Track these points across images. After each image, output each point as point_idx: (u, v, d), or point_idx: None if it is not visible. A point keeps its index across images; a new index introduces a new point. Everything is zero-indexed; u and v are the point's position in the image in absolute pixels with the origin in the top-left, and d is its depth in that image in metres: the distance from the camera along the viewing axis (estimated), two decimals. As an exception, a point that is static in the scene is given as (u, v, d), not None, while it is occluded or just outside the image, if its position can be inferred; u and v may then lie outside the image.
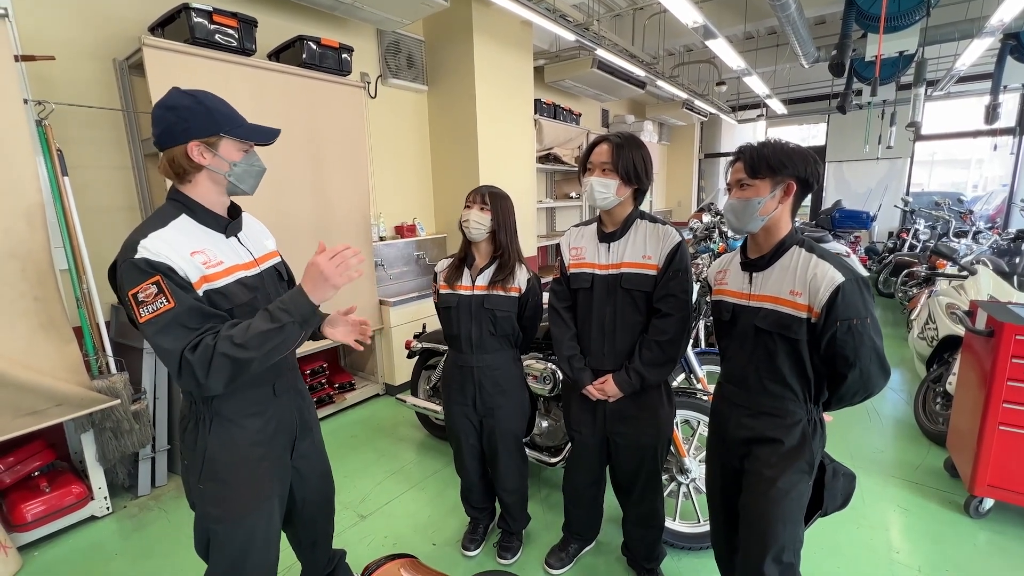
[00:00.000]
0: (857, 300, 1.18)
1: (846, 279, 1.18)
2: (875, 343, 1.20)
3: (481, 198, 1.80)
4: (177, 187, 1.18)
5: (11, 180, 1.94)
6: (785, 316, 1.25)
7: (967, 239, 5.37)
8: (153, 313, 1.03)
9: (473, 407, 1.90)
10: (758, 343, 1.32)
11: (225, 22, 2.55)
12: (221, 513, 1.21)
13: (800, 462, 1.29)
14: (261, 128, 1.21)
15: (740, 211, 1.29)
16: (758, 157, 1.25)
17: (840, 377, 1.24)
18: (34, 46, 2.25)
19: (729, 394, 1.43)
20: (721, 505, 1.50)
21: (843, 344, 1.19)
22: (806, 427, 1.30)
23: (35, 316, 2.00)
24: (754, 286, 1.34)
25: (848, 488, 1.37)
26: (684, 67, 6.74)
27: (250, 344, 1.04)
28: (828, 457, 1.37)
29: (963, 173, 8.79)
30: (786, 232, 1.30)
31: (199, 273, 1.11)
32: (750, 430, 1.36)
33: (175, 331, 1.04)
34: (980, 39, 4.29)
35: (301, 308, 1.10)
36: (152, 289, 1.03)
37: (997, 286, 2.98)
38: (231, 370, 1.05)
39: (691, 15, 3.47)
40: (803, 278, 1.23)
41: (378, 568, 1.05)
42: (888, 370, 1.23)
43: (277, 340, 1.08)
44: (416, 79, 4.06)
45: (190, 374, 1.04)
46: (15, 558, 2.04)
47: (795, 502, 1.29)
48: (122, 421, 2.28)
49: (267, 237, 1.40)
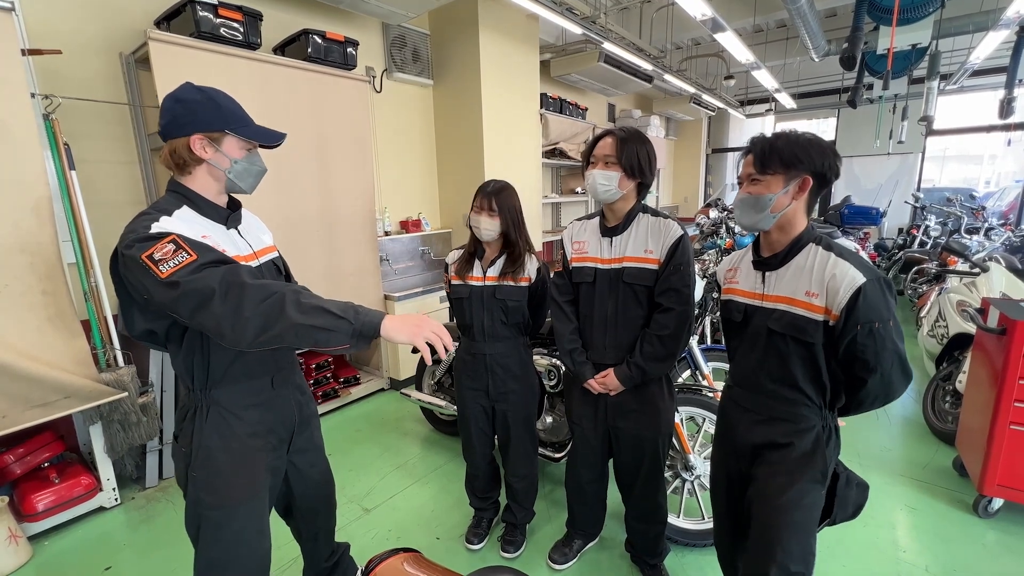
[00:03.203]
0: (879, 302, 1.11)
1: (868, 280, 1.11)
2: (897, 347, 1.14)
3: (489, 203, 1.79)
4: (176, 178, 1.19)
5: (19, 174, 1.95)
6: (800, 318, 1.19)
7: (979, 236, 5.29)
8: (177, 266, 0.97)
9: (486, 393, 1.93)
10: (770, 346, 1.26)
11: (230, 15, 2.55)
12: (214, 500, 1.22)
13: (813, 471, 1.23)
14: (267, 130, 1.21)
15: (750, 207, 1.23)
16: (769, 150, 1.18)
17: (859, 382, 1.18)
18: (41, 40, 2.26)
19: (738, 397, 1.38)
20: (726, 510, 1.46)
21: (864, 348, 1.12)
22: (820, 434, 1.24)
23: (43, 310, 2.02)
24: (767, 286, 1.27)
25: (860, 498, 1.31)
26: (692, 61, 6.66)
27: (306, 310, 0.97)
28: (842, 465, 1.32)
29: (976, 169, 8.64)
30: (801, 229, 1.23)
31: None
32: (761, 435, 1.30)
33: (208, 270, 0.98)
34: (995, 31, 4.21)
35: (368, 320, 1.02)
36: (170, 247, 0.99)
37: (1010, 283, 2.94)
38: (274, 320, 0.96)
39: (700, 8, 3.43)
40: (820, 278, 1.16)
41: (381, 562, 1.04)
42: (910, 374, 1.17)
43: (327, 325, 0.99)
44: (421, 73, 4.04)
45: (235, 304, 0.96)
46: (26, 547, 2.07)
47: (807, 512, 1.23)
48: (130, 413, 2.30)
49: (264, 232, 1.40)
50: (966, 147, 8.54)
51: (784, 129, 1.23)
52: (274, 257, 1.38)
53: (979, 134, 8.03)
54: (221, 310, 0.97)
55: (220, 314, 0.97)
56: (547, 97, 5.04)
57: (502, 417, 1.96)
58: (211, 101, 1.14)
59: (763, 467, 1.29)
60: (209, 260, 1.01)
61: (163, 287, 0.98)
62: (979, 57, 5.00)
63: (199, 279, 0.98)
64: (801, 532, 1.23)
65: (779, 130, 1.23)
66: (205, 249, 1.04)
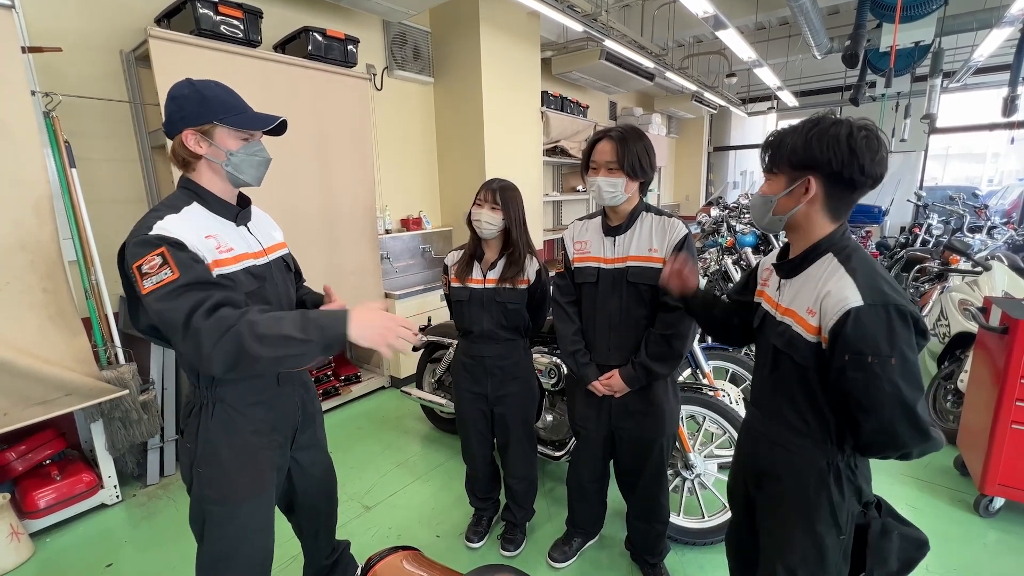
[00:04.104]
0: (877, 333, 0.92)
1: (866, 304, 0.93)
2: (900, 392, 0.92)
3: (492, 197, 1.77)
4: (186, 175, 1.20)
5: (20, 172, 1.95)
6: (796, 336, 1.06)
7: (982, 234, 5.26)
8: (156, 284, 0.99)
9: (484, 395, 1.92)
10: (776, 363, 1.13)
11: (230, 13, 2.54)
12: (218, 496, 1.22)
13: (812, 514, 1.07)
14: (258, 116, 1.18)
15: (756, 207, 1.13)
16: (777, 146, 1.06)
17: (856, 423, 1.01)
18: (41, 37, 2.26)
19: (751, 419, 1.27)
20: (741, 518, 1.34)
21: (853, 384, 0.96)
22: (824, 473, 1.07)
23: (44, 308, 2.02)
24: (781, 295, 1.14)
25: (911, 553, 1.08)
26: (694, 58, 6.64)
27: (268, 341, 0.99)
28: (885, 511, 1.12)
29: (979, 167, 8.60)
30: (820, 236, 1.06)
31: (212, 256, 1.12)
32: (764, 461, 1.19)
33: (179, 298, 0.99)
34: (999, 29, 4.18)
35: (333, 332, 1.03)
36: (156, 260, 1.00)
37: (1012, 282, 2.93)
38: (237, 356, 0.98)
39: (701, 5, 3.41)
40: (819, 294, 1.01)
41: (381, 560, 1.05)
42: (923, 430, 0.95)
43: (295, 352, 1.02)
44: (422, 71, 4.03)
45: (194, 342, 0.97)
46: (27, 544, 2.08)
47: (811, 560, 1.09)
48: (131, 411, 2.30)
49: (275, 229, 1.40)
50: (969, 145, 8.51)
51: (817, 114, 1.03)
52: (284, 254, 1.38)
53: (982, 132, 8.00)
54: (183, 347, 1.01)
55: (184, 350, 1.01)
56: (548, 95, 5.03)
57: (501, 420, 1.95)
58: (198, 94, 1.13)
59: (762, 497, 1.21)
60: (189, 281, 1.01)
61: (145, 299, 1.02)
62: (983, 55, 4.98)
63: (170, 310, 0.99)
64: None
65: (802, 121, 1.04)
66: (189, 267, 1.02)
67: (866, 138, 0.96)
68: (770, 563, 1.18)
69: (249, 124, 1.17)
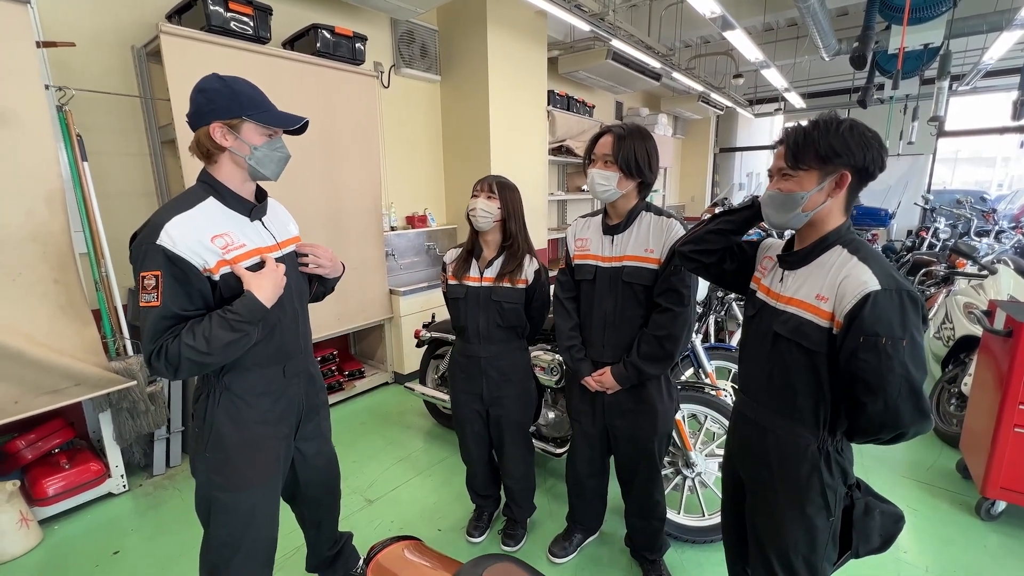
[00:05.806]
0: (892, 316, 0.97)
1: (883, 288, 0.97)
2: (909, 373, 0.97)
3: (488, 186, 1.79)
4: (206, 168, 1.22)
5: (32, 164, 1.98)
6: (806, 323, 1.08)
7: (989, 238, 5.23)
8: (146, 303, 1.11)
9: (480, 396, 1.91)
10: (775, 351, 1.16)
11: (240, 9, 2.57)
12: (224, 482, 1.25)
13: (806, 497, 1.12)
14: (284, 115, 1.23)
15: (779, 206, 1.10)
16: (804, 142, 1.04)
17: (860, 406, 1.03)
18: (55, 32, 2.29)
19: (741, 405, 1.30)
20: (732, 513, 1.40)
21: (864, 365, 0.98)
22: (815, 457, 1.12)
23: (55, 298, 2.06)
24: (784, 285, 1.16)
25: (889, 529, 1.17)
26: (701, 59, 6.61)
27: (215, 351, 1.12)
28: (865, 491, 1.19)
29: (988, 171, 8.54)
30: (833, 228, 1.10)
31: (217, 258, 1.15)
32: (756, 446, 1.22)
33: (151, 328, 1.11)
34: (1009, 32, 4.15)
35: (250, 309, 1.16)
36: (151, 281, 1.10)
37: (1018, 286, 2.91)
38: (198, 369, 1.16)
39: (709, 5, 3.41)
40: (833, 281, 1.04)
41: (383, 549, 1.07)
42: (926, 412, 1.00)
43: (241, 344, 1.17)
44: (429, 69, 4.04)
45: (159, 373, 1.16)
46: (36, 531, 2.11)
47: (802, 544, 1.14)
48: (138, 402, 2.34)
49: (291, 222, 1.43)
50: (979, 149, 8.45)
51: (824, 114, 1.06)
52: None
53: (992, 136, 7.94)
54: (154, 371, 1.18)
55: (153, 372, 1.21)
56: (554, 94, 5.03)
57: (496, 421, 1.94)
58: (228, 88, 1.17)
59: (754, 487, 1.25)
60: (165, 315, 1.11)
61: (139, 305, 1.12)
62: (993, 57, 4.94)
63: (145, 331, 1.11)
64: (802, 561, 1.15)
65: (817, 117, 1.06)
66: (172, 296, 1.11)
67: (876, 134, 1.04)
68: (761, 550, 1.21)
69: (276, 122, 1.21)
